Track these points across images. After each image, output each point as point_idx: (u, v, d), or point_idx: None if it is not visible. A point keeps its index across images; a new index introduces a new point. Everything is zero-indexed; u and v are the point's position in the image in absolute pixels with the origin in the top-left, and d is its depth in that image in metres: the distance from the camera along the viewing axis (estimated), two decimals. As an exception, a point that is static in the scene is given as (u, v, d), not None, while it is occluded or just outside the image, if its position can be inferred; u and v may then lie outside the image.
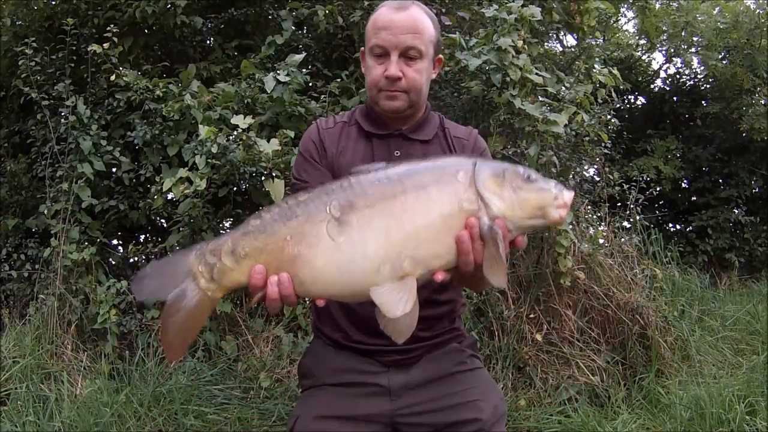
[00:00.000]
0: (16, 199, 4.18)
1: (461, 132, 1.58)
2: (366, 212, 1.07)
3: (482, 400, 1.44)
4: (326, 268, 1.07)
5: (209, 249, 1.12)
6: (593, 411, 3.05)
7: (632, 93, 7.79)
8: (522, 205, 1.10)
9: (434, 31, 1.47)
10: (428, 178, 1.10)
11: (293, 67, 3.46)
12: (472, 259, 1.10)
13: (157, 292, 1.15)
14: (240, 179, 3.31)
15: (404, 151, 1.48)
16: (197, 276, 1.12)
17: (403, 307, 1.05)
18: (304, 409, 1.46)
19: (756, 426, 2.78)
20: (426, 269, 1.09)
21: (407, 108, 1.47)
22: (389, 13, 1.43)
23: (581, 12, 4.22)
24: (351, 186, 1.10)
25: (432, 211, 1.08)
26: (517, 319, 3.32)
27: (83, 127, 3.63)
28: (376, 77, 1.44)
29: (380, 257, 1.06)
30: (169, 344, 1.14)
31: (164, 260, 1.19)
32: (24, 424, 2.81)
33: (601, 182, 4.39)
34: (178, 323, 1.12)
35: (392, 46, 1.41)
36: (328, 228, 1.07)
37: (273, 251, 1.08)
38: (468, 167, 1.12)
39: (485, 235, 1.08)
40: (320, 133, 1.53)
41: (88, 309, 3.41)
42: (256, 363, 3.23)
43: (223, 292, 1.13)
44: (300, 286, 1.10)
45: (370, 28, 1.46)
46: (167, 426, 2.89)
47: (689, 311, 4.31)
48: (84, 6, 4.10)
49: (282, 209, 1.11)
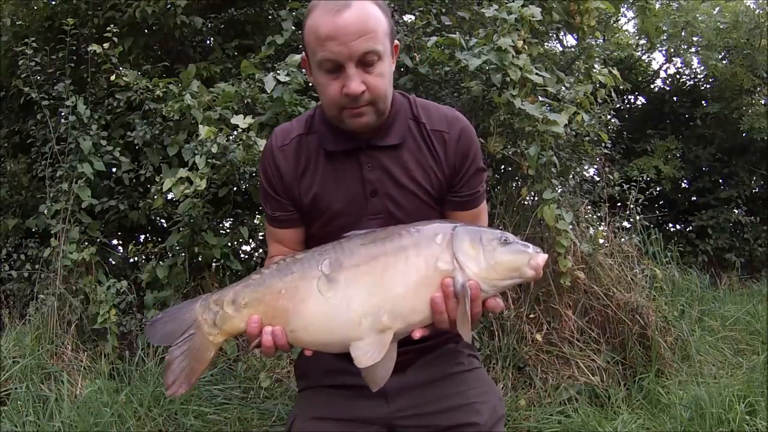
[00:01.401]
0: (16, 199, 4.19)
1: (440, 122, 1.38)
2: (352, 271, 1.19)
3: (480, 402, 1.40)
4: (315, 318, 1.19)
5: (213, 299, 1.25)
6: (593, 411, 3.05)
7: (632, 93, 7.78)
8: (496, 268, 1.18)
9: (386, 21, 1.26)
10: (409, 241, 1.20)
11: (293, 67, 3.46)
12: (446, 317, 1.16)
13: (167, 338, 1.26)
14: (240, 179, 3.31)
15: (376, 163, 1.34)
16: (201, 323, 1.24)
17: (373, 358, 1.15)
18: (301, 409, 1.45)
19: (756, 426, 2.78)
20: (405, 323, 1.18)
21: (377, 119, 1.30)
22: (329, 18, 1.20)
23: (581, 12, 4.22)
24: (341, 246, 1.22)
25: (409, 270, 1.18)
26: (517, 319, 3.32)
27: (83, 127, 3.63)
28: (334, 96, 1.24)
29: (362, 311, 1.17)
30: (172, 382, 1.23)
31: (173, 308, 1.30)
32: (24, 424, 2.81)
33: (601, 182, 4.40)
34: (183, 364, 1.23)
35: (345, 57, 1.20)
36: (319, 284, 1.19)
37: (269, 302, 1.21)
38: (447, 231, 1.21)
39: (458, 293, 1.16)
40: (275, 156, 1.37)
41: (88, 309, 3.42)
42: (256, 363, 3.24)
43: (224, 337, 1.25)
44: (291, 334, 1.20)
45: (311, 40, 1.24)
46: (167, 426, 2.89)
47: (689, 311, 4.31)
48: (84, 6, 4.10)
49: (280, 266, 1.24)
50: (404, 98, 1.41)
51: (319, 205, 1.37)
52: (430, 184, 1.37)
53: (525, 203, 3.62)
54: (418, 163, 1.36)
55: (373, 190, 1.35)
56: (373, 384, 1.19)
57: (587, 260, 3.49)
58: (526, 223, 3.49)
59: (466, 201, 1.41)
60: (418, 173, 1.36)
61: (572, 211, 3.41)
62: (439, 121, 1.38)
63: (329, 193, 1.36)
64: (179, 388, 1.23)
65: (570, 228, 3.27)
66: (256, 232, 3.72)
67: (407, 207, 1.36)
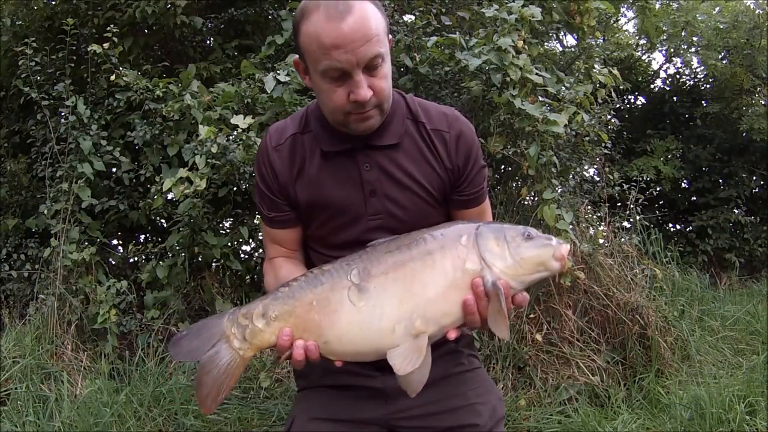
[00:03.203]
0: (16, 199, 4.19)
1: (439, 121, 1.37)
2: (381, 279, 1.19)
3: (480, 403, 1.40)
4: (348, 329, 1.19)
5: (242, 313, 1.24)
6: (593, 411, 3.05)
7: (632, 93, 7.78)
8: (523, 263, 1.19)
9: (383, 18, 1.24)
10: (434, 245, 1.21)
11: (293, 67, 3.46)
12: (478, 318, 1.17)
13: (192, 354, 1.24)
14: (240, 179, 3.31)
15: (373, 163, 1.34)
16: (230, 337, 1.22)
17: (413, 364, 1.16)
18: (300, 409, 1.44)
19: (756, 426, 2.78)
20: (437, 326, 1.19)
21: (381, 121, 1.30)
22: (333, 24, 1.16)
23: (581, 12, 4.21)
24: (368, 255, 1.23)
25: (438, 274, 1.19)
26: (517, 319, 3.32)
27: (83, 127, 3.63)
28: (340, 103, 1.23)
29: (395, 318, 1.17)
30: (204, 399, 1.21)
31: (198, 324, 1.27)
32: (24, 424, 2.81)
33: (601, 182, 4.40)
34: (212, 380, 1.21)
35: (352, 65, 1.18)
36: (349, 294, 1.19)
37: (301, 314, 1.20)
38: (471, 232, 1.22)
39: (489, 292, 1.16)
40: (270, 156, 1.37)
41: (88, 309, 3.42)
42: (256, 363, 3.24)
43: (254, 351, 1.23)
44: (324, 346, 1.20)
45: (314, 48, 1.19)
46: (167, 426, 2.89)
47: (689, 311, 4.30)
48: (84, 6, 4.11)
49: (308, 278, 1.24)
50: (400, 97, 1.39)
51: (316, 206, 1.36)
52: (430, 183, 1.37)
53: (525, 203, 3.62)
54: (417, 162, 1.36)
55: (372, 190, 1.34)
56: (411, 390, 1.19)
57: (587, 260, 3.48)
58: (526, 224, 3.48)
59: (471, 199, 1.43)
60: (417, 172, 1.35)
61: (572, 211, 3.41)
62: (439, 121, 1.38)
63: (326, 194, 1.35)
64: (212, 404, 1.22)
65: (570, 228, 3.27)
66: (256, 232, 3.72)
67: (407, 206, 1.36)
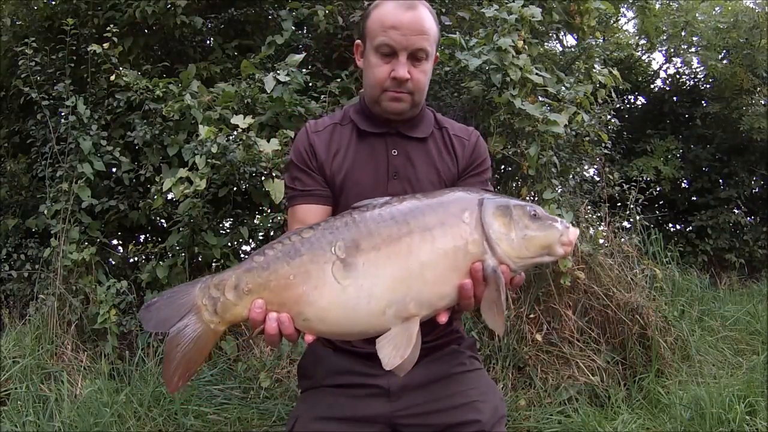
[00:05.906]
0: (16, 199, 4.18)
1: (461, 131, 1.57)
2: (372, 255, 1.07)
3: (482, 401, 1.43)
4: (331, 308, 1.08)
5: (213, 283, 1.13)
6: (593, 411, 3.05)
7: (632, 93, 7.78)
8: (528, 245, 1.12)
9: (437, 31, 1.46)
10: (433, 219, 1.11)
11: (293, 67, 3.46)
12: (473, 302, 1.15)
13: (162, 324, 1.14)
14: (240, 179, 3.31)
15: (401, 150, 1.48)
16: (201, 309, 1.12)
17: (401, 355, 1.07)
18: (303, 410, 1.45)
19: (756, 426, 2.78)
20: (431, 309, 1.11)
21: (410, 109, 1.45)
22: (398, 11, 1.39)
23: (581, 12, 4.22)
24: (356, 224, 1.10)
25: (437, 254, 1.09)
26: (517, 319, 3.32)
27: (83, 127, 3.63)
28: (382, 77, 1.41)
29: (386, 300, 1.07)
30: (171, 376, 1.12)
31: (171, 291, 1.17)
32: (24, 424, 2.81)
33: (601, 182, 4.40)
34: (180, 355, 1.12)
35: (401, 47, 1.38)
36: (334, 270, 1.07)
37: (276, 288, 1.09)
38: (473, 207, 1.12)
39: (488, 277, 1.11)
40: (310, 138, 1.50)
41: (88, 309, 3.42)
42: (256, 363, 3.24)
43: (225, 325, 1.14)
44: (304, 323, 1.10)
45: (376, 26, 1.41)
46: (167, 426, 2.89)
47: (689, 311, 4.31)
48: (84, 6, 4.11)
49: (286, 247, 1.11)
50: (431, 111, 1.58)
51: (348, 182, 1.46)
52: (446, 175, 1.51)
53: (525, 203, 3.62)
54: (438, 158, 1.51)
55: (395, 173, 1.47)
56: (400, 370, 1.11)
57: (587, 260, 3.49)
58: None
59: None
60: (438, 166, 1.50)
61: (572, 211, 3.42)
62: (461, 130, 1.57)
63: (357, 170, 1.47)
64: (179, 381, 1.13)
65: (570, 228, 3.26)
66: (256, 232, 3.72)
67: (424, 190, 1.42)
